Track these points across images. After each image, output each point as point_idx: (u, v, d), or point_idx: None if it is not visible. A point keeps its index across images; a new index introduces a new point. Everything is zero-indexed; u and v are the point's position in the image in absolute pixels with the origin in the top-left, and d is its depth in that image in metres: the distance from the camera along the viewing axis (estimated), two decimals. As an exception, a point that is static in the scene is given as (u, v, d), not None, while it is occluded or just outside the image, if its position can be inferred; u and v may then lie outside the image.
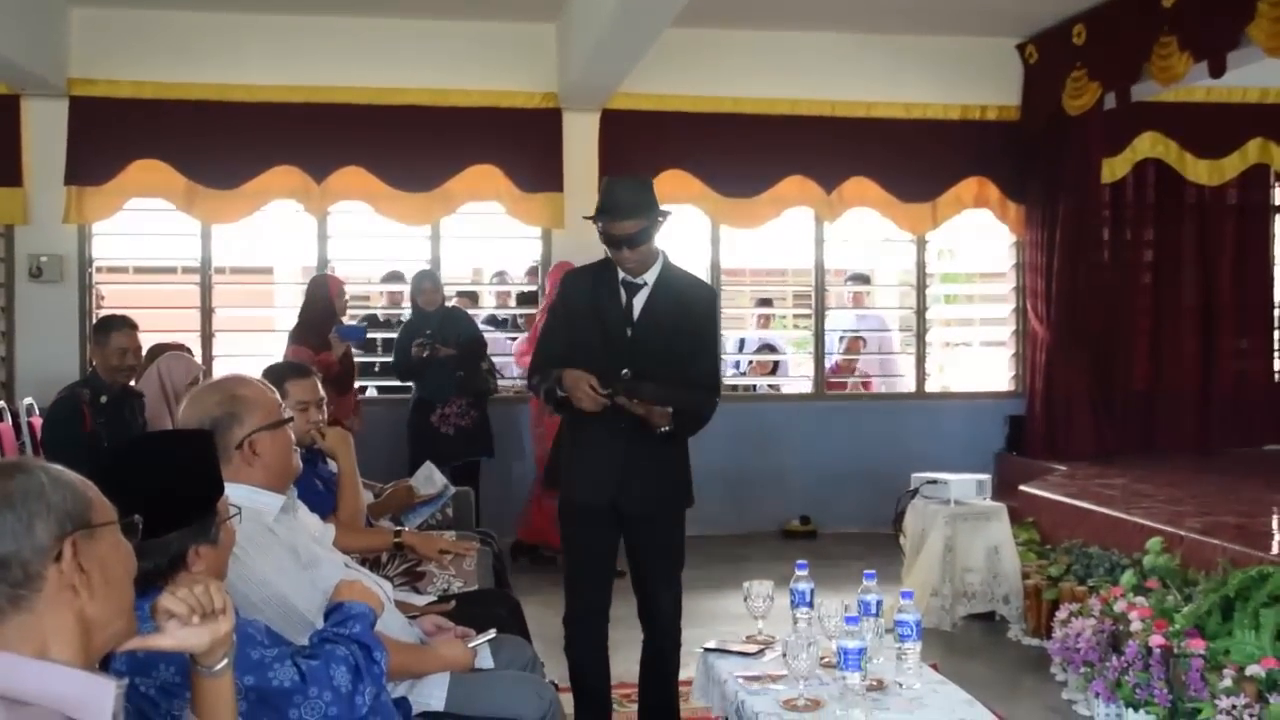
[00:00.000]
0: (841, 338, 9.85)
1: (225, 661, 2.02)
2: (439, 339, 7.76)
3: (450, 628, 3.33)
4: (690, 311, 4.26)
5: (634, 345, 4.19)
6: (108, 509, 1.79)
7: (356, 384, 8.33)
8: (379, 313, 9.34)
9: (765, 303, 10.53)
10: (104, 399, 5.79)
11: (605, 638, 4.37)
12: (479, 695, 3.06)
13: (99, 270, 8.75)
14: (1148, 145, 9.32)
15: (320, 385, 4.33)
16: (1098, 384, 9.27)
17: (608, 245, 4.19)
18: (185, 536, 2.40)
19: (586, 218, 4.33)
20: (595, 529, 4.28)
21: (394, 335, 8.22)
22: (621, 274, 4.24)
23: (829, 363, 9.65)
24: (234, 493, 2.62)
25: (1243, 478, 7.99)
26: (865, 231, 9.58)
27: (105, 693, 1.68)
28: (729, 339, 9.89)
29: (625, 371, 4.11)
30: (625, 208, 4.11)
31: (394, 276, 9.04)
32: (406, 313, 8.38)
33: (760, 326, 10.29)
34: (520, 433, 8.60)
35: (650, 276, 4.25)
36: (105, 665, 1.91)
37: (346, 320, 7.92)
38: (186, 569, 2.41)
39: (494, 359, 8.30)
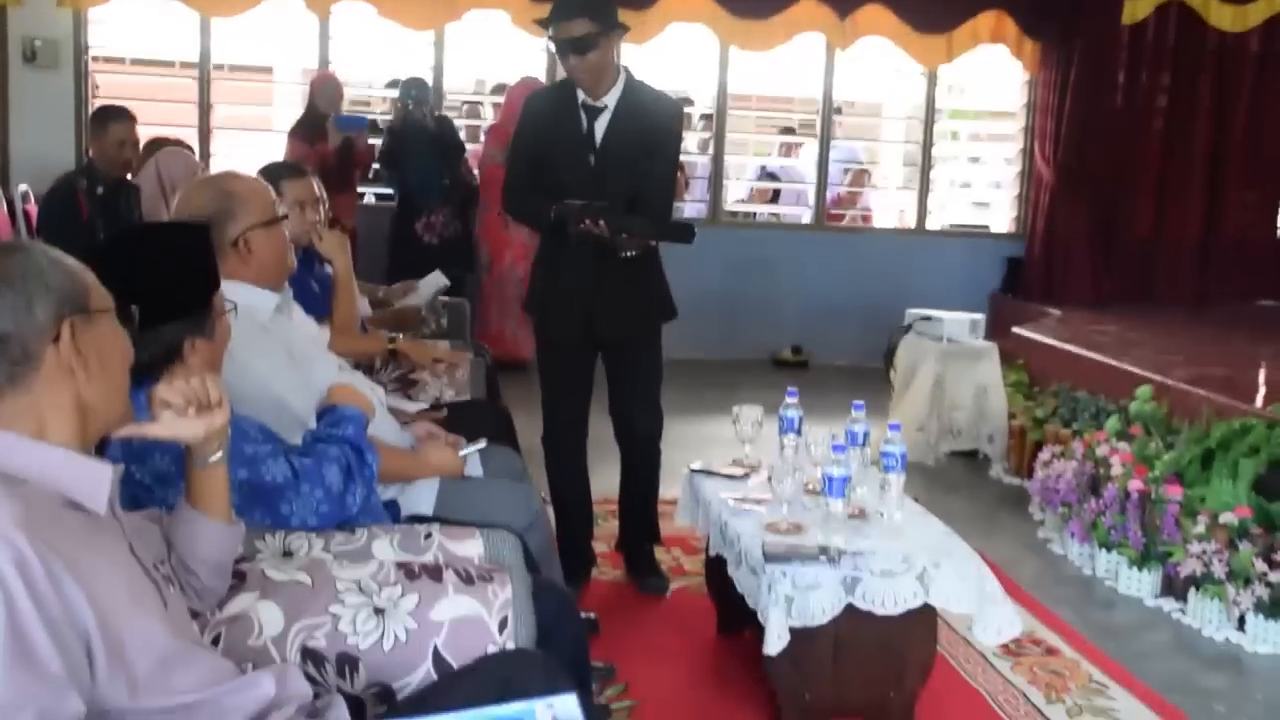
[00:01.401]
0: (846, 169, 9.75)
1: (219, 454, 2.03)
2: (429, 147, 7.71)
3: (441, 434, 3.36)
4: (654, 134, 4.11)
5: (598, 174, 4.08)
6: (105, 296, 1.78)
7: (359, 188, 8.28)
8: (378, 118, 9.19)
9: (788, 130, 10.34)
10: (100, 189, 5.74)
11: (584, 453, 4.42)
12: (467, 502, 3.10)
13: (95, 59, 8.55)
14: (1173, -15, 9.06)
15: (317, 185, 4.27)
16: (1098, 230, 9.22)
17: (559, 55, 4.04)
18: (180, 329, 2.39)
19: (536, 21, 4.15)
20: (570, 353, 4.28)
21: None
22: (581, 95, 4.10)
23: (831, 194, 9.56)
24: (228, 290, 2.60)
25: (1234, 331, 8.00)
26: (876, 61, 9.37)
27: (103, 475, 1.71)
28: (736, 164, 9.75)
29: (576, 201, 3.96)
30: (573, 6, 3.94)
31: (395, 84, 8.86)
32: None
33: (783, 155, 10.14)
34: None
35: (611, 99, 4.10)
36: (100, 452, 1.92)
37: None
38: (182, 361, 2.40)
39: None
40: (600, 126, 4.11)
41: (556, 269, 4.23)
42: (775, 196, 10.05)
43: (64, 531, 1.61)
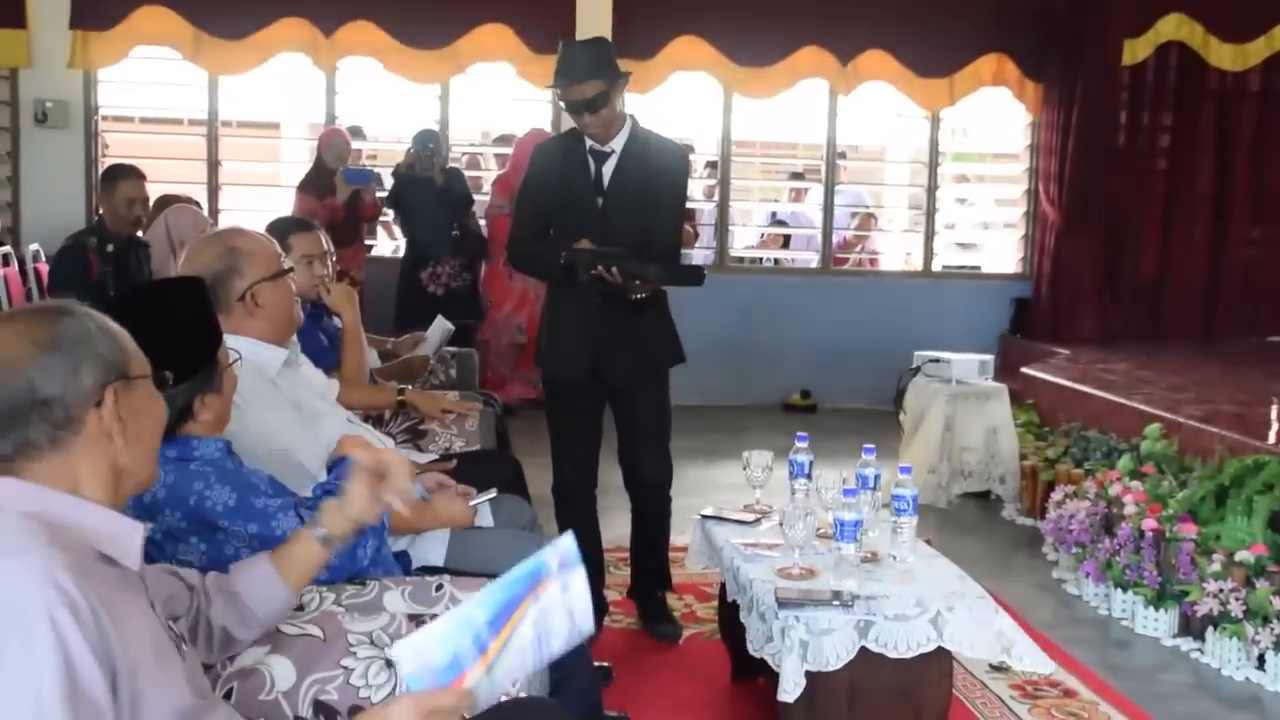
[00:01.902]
0: (854, 214, 9.79)
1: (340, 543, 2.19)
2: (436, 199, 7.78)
3: (452, 485, 3.35)
4: (660, 176, 4.16)
5: (605, 216, 4.12)
6: (144, 362, 1.83)
7: (367, 240, 8.34)
8: (383, 170, 9.25)
9: (797, 176, 10.39)
10: (110, 248, 5.77)
11: (594, 502, 4.42)
12: (478, 552, 3.09)
13: (105, 119, 8.64)
14: (1172, 27, 9.10)
15: (325, 238, 4.29)
16: (1105, 269, 9.25)
17: (570, 113, 4.10)
18: (192, 388, 2.41)
19: (547, 87, 4.21)
20: (579, 400, 4.29)
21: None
22: (589, 142, 4.15)
23: (837, 238, 9.59)
24: (235, 343, 2.61)
25: (1244, 367, 7.98)
26: (879, 106, 9.42)
27: (135, 531, 1.76)
28: (741, 210, 9.78)
29: (585, 242, 4.01)
30: (582, 70, 4.00)
31: (355, 131, 8.88)
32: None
33: (793, 200, 10.18)
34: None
35: (618, 143, 4.15)
36: None
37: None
38: (194, 419, 2.41)
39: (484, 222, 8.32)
40: (608, 170, 4.15)
41: (563, 316, 4.25)
42: (786, 242, 10.07)
43: (100, 581, 1.62)
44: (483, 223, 8.37)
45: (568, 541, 1.84)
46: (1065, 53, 8.96)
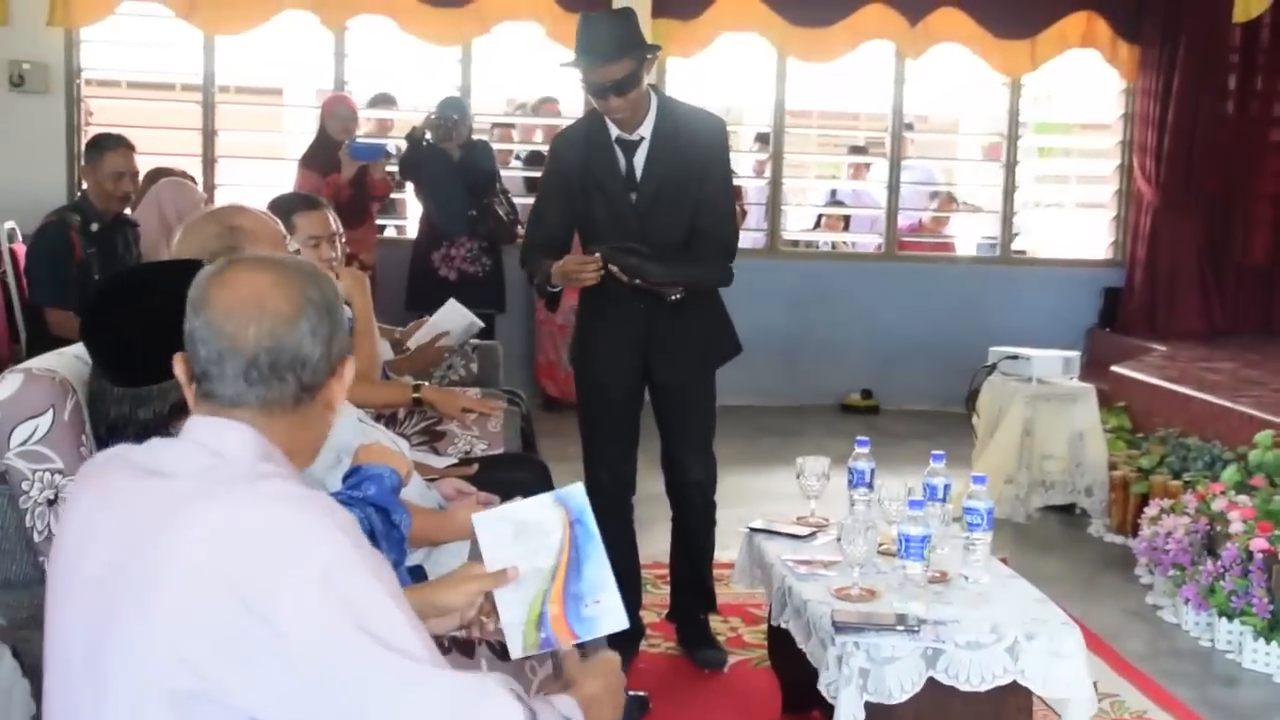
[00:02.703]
0: (934, 194, 9.75)
1: None
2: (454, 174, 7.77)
3: (472, 493, 3.37)
4: (699, 160, 4.17)
5: (641, 213, 4.15)
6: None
7: (378, 220, 8.37)
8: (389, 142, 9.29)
9: (859, 150, 10.35)
10: (95, 227, 5.82)
11: (631, 513, 4.45)
12: (500, 567, 3.10)
13: (88, 83, 8.71)
14: (1292, -22, 9.02)
15: (333, 218, 4.32)
16: (1210, 254, 9.17)
17: (593, 95, 4.09)
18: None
19: (564, 65, 4.20)
20: (619, 403, 4.35)
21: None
22: (615, 130, 4.16)
23: (908, 220, 9.56)
24: None
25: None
26: (952, 71, 9.39)
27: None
28: (797, 188, 9.78)
29: (603, 251, 4.07)
30: (608, 47, 3.99)
31: (383, 99, 8.90)
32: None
33: (853, 177, 10.16)
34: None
35: (646, 128, 4.16)
36: None
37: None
38: (189, 414, 2.44)
39: (517, 200, 8.28)
40: (639, 162, 4.17)
41: (604, 313, 4.29)
42: (846, 224, 10.05)
43: None
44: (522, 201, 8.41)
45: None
46: (1165, 9, 8.89)
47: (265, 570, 1.62)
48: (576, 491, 2.15)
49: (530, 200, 8.55)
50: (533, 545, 2.11)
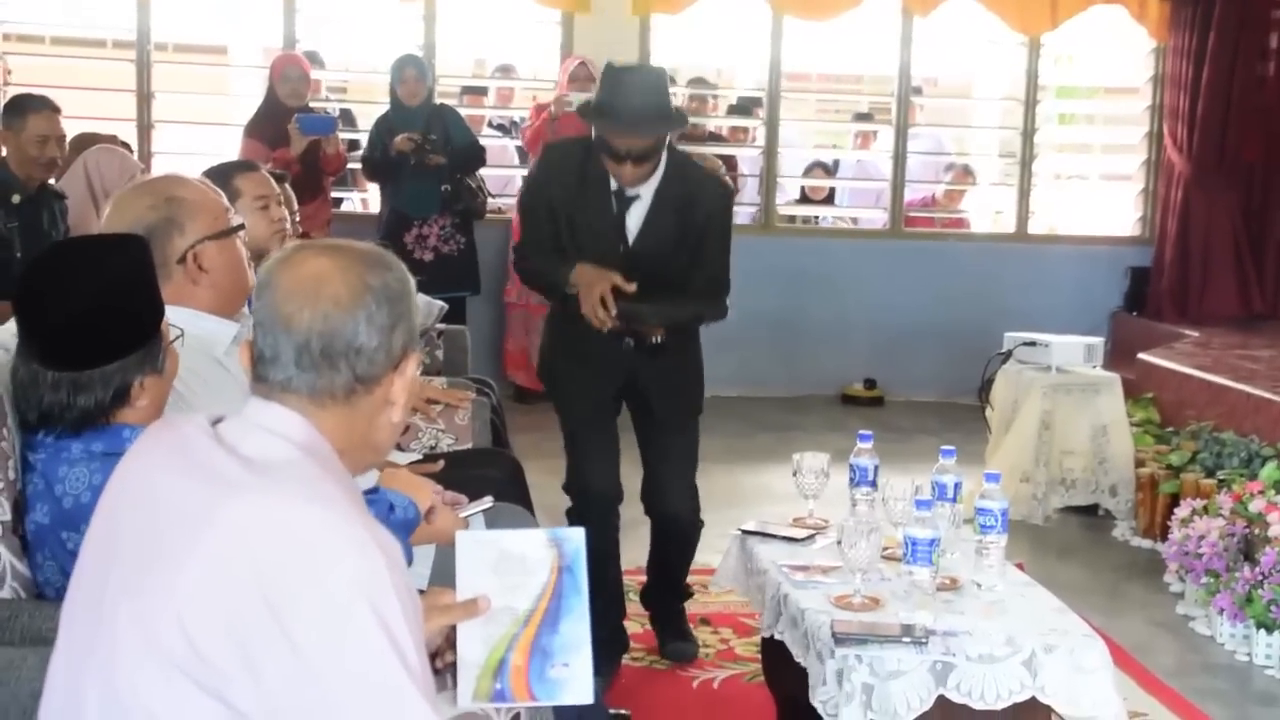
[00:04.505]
0: (948, 166, 9.74)
1: None
2: (429, 144, 7.72)
3: (438, 493, 3.37)
4: (697, 223, 4.21)
5: (631, 262, 4.17)
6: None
7: (333, 194, 8.35)
8: (355, 105, 9.27)
9: (864, 117, 10.32)
10: (16, 198, 5.78)
11: (617, 522, 4.48)
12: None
13: (6, 37, 8.68)
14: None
15: (281, 190, 4.31)
16: (1247, 231, 9.20)
17: (607, 157, 4.07)
18: (129, 367, 2.46)
19: (579, 112, 4.23)
20: (602, 411, 4.42)
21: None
22: (614, 182, 4.17)
23: (915, 194, 9.56)
24: (175, 316, 2.64)
25: None
26: (964, 30, 9.39)
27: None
28: (794, 159, 9.77)
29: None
30: (640, 116, 3.97)
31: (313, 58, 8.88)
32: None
33: (859, 147, 10.14)
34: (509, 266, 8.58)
35: (649, 189, 4.18)
36: None
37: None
38: (129, 404, 2.45)
39: (483, 173, 8.32)
40: (635, 218, 4.22)
41: (581, 353, 4.32)
42: (830, 196, 9.92)
43: None
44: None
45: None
46: (1198, -38, 8.92)
47: (292, 571, 1.71)
48: (575, 535, 2.13)
49: (501, 171, 8.69)
50: (512, 581, 2.08)
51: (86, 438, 1.97)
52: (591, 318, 4.05)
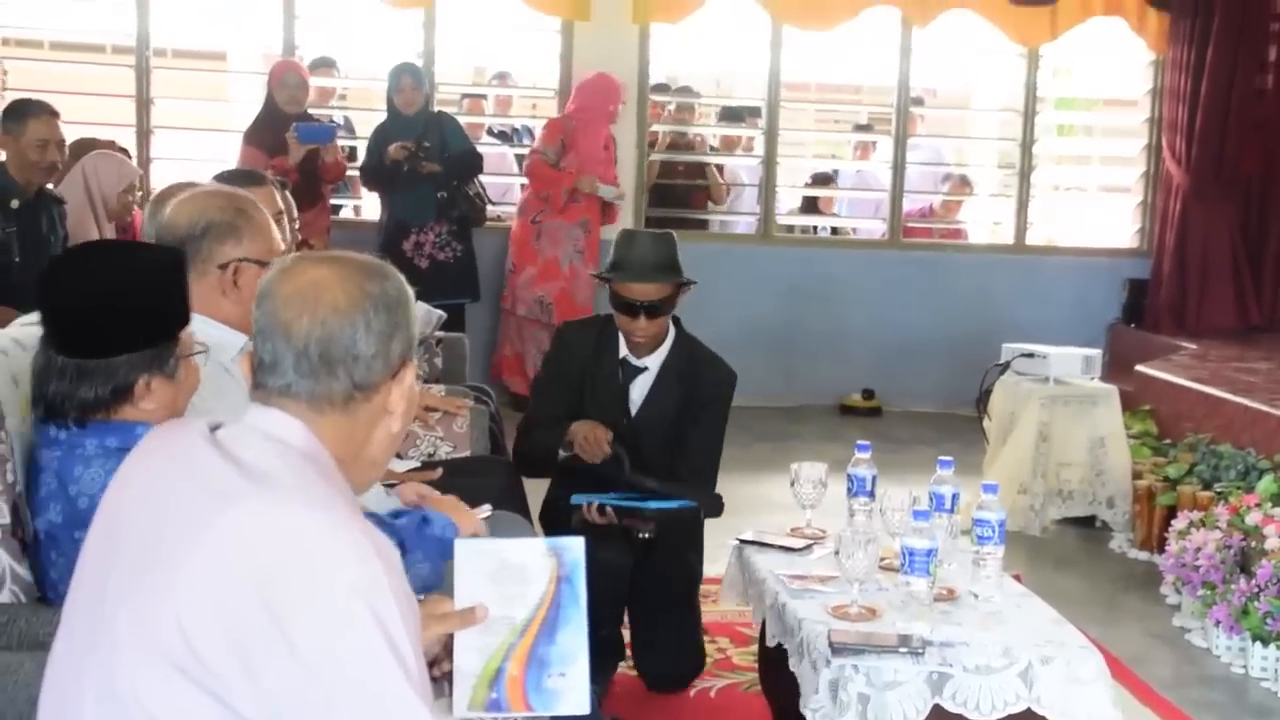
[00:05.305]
0: (946, 177, 9.75)
1: None
2: (424, 152, 7.75)
3: (436, 499, 3.38)
4: (697, 406, 4.31)
5: (631, 433, 4.25)
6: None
7: (332, 200, 8.36)
8: (352, 112, 9.27)
9: (862, 127, 10.35)
10: (15, 203, 5.79)
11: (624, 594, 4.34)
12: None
13: (5, 42, 8.68)
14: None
15: (281, 197, 4.33)
16: (1245, 243, 9.22)
17: (621, 312, 4.23)
18: (136, 363, 2.48)
19: (596, 276, 4.37)
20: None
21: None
22: (623, 349, 4.29)
23: (914, 204, 9.57)
24: (196, 325, 2.72)
25: None
26: (963, 41, 9.40)
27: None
28: (793, 168, 9.79)
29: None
30: (651, 266, 4.17)
31: (323, 63, 8.87)
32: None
33: (858, 157, 10.15)
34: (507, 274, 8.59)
35: (656, 360, 4.31)
36: None
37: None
38: (132, 402, 2.46)
39: (482, 180, 8.38)
40: (638, 391, 4.31)
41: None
42: (813, 204, 9.94)
43: None
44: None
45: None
46: (1197, -25, 8.94)
47: (292, 576, 1.73)
48: (575, 545, 2.13)
49: (500, 179, 8.71)
50: (510, 591, 2.08)
51: (99, 432, 1.99)
52: (589, 448, 4.10)
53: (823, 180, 9.92)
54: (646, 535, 4.07)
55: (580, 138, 8.23)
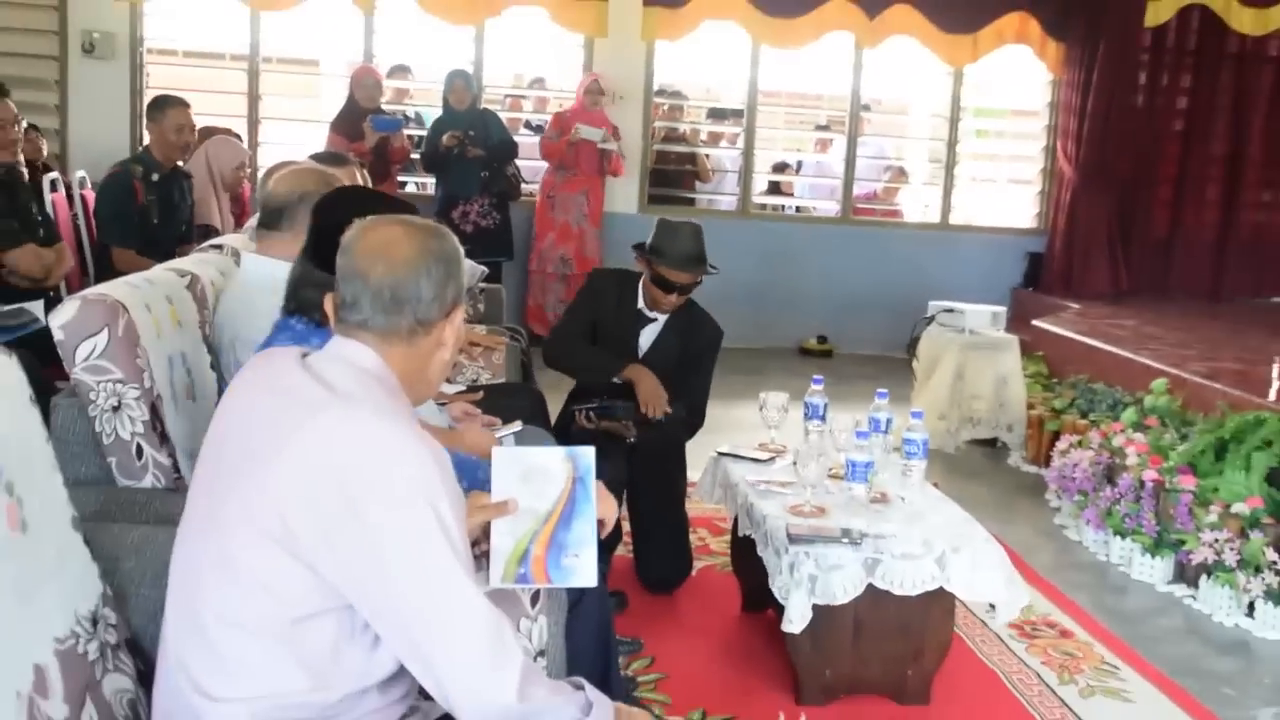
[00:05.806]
0: (887, 168, 9.69)
1: None
2: (470, 139, 7.72)
3: (477, 415, 3.38)
4: (693, 354, 4.26)
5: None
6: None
7: (399, 178, 8.32)
8: (420, 109, 9.20)
9: (822, 127, 10.26)
10: (156, 177, 5.76)
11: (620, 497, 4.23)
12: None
13: (149, 51, 8.61)
14: (1195, -10, 8.97)
15: (361, 175, 4.30)
16: (1118, 226, 9.19)
17: (659, 287, 4.12)
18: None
19: (639, 255, 4.17)
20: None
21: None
22: (640, 302, 4.22)
23: (861, 190, 9.51)
24: (258, 263, 2.83)
25: (1249, 327, 7.93)
26: (904, 60, 9.31)
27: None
28: (767, 159, 9.72)
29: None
30: (694, 261, 4.09)
31: (399, 70, 8.78)
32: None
33: (818, 151, 10.06)
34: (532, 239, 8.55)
35: (663, 315, 4.23)
36: None
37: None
38: (325, 320, 2.43)
39: (519, 164, 8.32)
40: (646, 337, 4.24)
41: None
42: (775, 188, 9.86)
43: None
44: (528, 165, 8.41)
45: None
46: (1088, 13, 8.85)
47: (363, 469, 1.73)
48: (587, 453, 2.13)
49: (533, 163, 8.66)
50: (536, 489, 2.09)
51: (327, 335, 1.95)
52: (652, 402, 4.01)
53: (781, 168, 9.89)
54: (631, 440, 4.04)
55: (571, 118, 8.20)
